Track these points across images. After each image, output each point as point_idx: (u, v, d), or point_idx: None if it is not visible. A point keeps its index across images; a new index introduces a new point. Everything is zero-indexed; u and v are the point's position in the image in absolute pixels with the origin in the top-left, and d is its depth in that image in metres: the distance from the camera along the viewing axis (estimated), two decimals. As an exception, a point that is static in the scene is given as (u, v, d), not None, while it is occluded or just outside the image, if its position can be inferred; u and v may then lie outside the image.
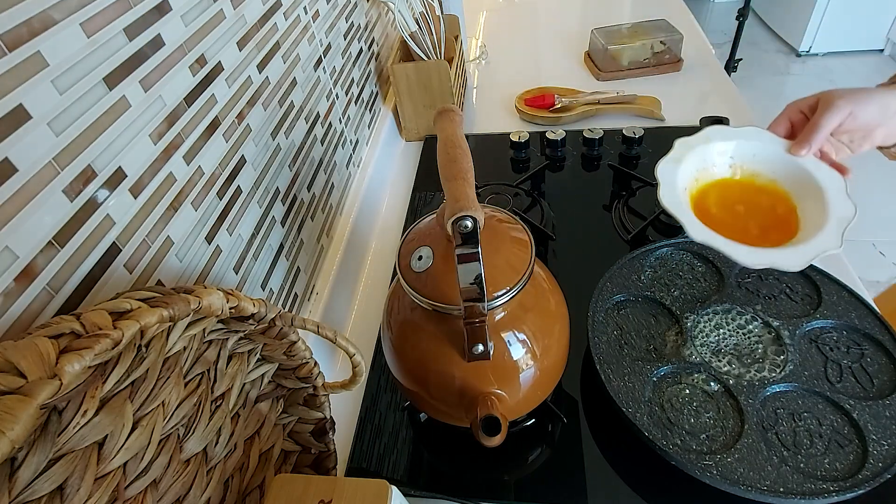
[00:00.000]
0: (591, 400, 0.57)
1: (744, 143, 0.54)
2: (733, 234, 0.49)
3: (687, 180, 0.54)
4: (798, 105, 0.53)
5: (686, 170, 0.54)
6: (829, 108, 0.49)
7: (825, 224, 0.49)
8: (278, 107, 0.59)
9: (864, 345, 0.53)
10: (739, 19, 2.14)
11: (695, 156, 0.54)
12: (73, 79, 0.32)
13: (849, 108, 0.49)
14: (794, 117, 0.53)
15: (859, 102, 0.49)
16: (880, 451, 0.45)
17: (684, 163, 0.54)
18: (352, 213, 0.79)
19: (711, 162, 0.55)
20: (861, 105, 0.49)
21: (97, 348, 0.24)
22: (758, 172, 0.54)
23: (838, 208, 0.49)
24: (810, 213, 0.51)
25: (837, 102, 0.49)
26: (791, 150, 0.52)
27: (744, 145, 0.54)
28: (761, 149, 0.53)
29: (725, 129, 0.54)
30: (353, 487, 0.36)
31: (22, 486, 0.24)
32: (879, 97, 0.49)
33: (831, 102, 0.49)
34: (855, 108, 0.49)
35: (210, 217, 0.46)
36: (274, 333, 0.41)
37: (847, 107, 0.49)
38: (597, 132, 0.90)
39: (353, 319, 0.72)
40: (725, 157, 0.54)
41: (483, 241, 0.38)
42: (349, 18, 0.84)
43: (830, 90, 0.50)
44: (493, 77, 1.20)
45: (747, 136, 0.53)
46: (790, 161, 0.52)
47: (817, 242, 0.48)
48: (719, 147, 0.55)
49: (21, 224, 0.29)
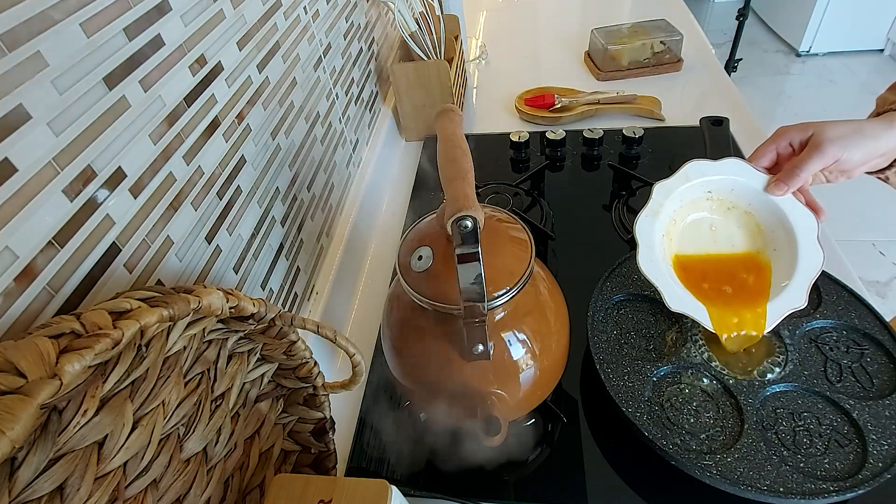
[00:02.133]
0: (591, 400, 0.57)
1: (723, 178, 0.53)
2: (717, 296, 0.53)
3: (664, 226, 0.55)
4: (789, 135, 0.51)
5: (664, 218, 0.54)
6: (816, 152, 0.48)
7: (793, 273, 0.51)
8: (278, 107, 0.59)
9: (863, 344, 0.53)
10: (739, 19, 2.14)
11: (672, 200, 0.54)
12: (73, 79, 0.32)
13: (836, 157, 0.48)
14: (781, 149, 0.52)
15: (848, 149, 0.47)
16: (880, 451, 0.45)
17: (662, 213, 0.54)
18: (352, 213, 0.79)
19: (688, 198, 0.55)
20: (849, 152, 0.48)
21: (97, 348, 0.24)
22: (734, 204, 0.54)
23: (806, 258, 0.51)
24: (781, 253, 0.53)
25: (826, 149, 0.47)
26: (768, 189, 0.51)
27: (723, 181, 0.53)
28: (740, 184, 0.53)
29: (704, 164, 0.53)
30: (352, 487, 0.36)
31: (22, 485, 0.24)
32: (869, 144, 0.48)
33: (820, 147, 0.48)
34: (843, 155, 0.48)
35: (210, 217, 0.46)
36: (274, 333, 0.41)
37: (835, 154, 0.48)
38: (597, 132, 0.90)
39: (353, 319, 0.72)
40: (703, 192, 0.54)
41: (483, 241, 0.38)
42: (349, 18, 0.84)
43: (825, 128, 0.49)
44: (493, 77, 1.20)
45: (727, 171, 0.53)
46: (767, 198, 0.52)
47: (782, 303, 0.51)
48: (698, 184, 0.54)
49: (21, 224, 0.29)
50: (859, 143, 0.48)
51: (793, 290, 0.51)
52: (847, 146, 0.47)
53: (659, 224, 0.54)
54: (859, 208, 1.93)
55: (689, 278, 0.54)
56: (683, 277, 0.54)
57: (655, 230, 0.53)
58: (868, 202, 1.94)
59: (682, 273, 0.55)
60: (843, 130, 0.48)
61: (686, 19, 1.27)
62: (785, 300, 0.51)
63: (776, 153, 0.52)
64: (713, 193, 0.55)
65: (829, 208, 0.52)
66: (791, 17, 2.94)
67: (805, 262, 0.51)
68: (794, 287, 0.51)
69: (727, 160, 0.53)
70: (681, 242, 0.56)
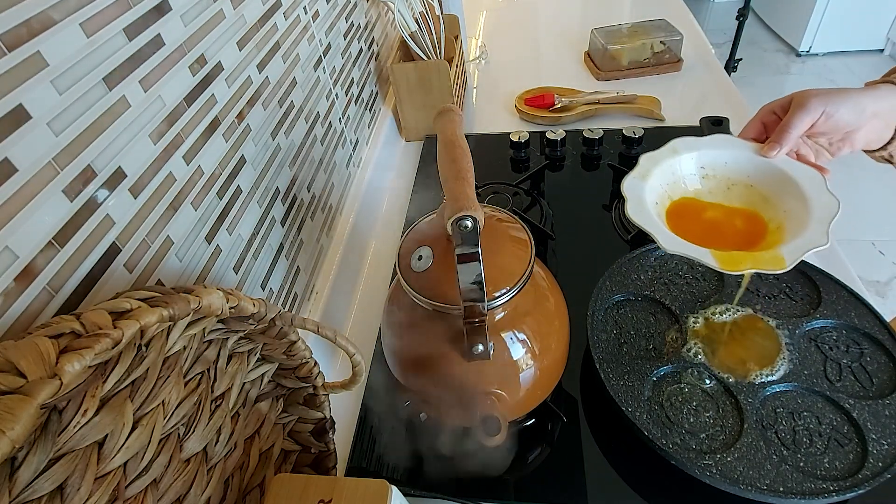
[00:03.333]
0: (591, 399, 0.57)
1: (713, 151, 0.52)
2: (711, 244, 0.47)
3: (657, 195, 0.52)
4: (771, 106, 0.51)
5: (655, 185, 0.52)
6: (801, 108, 0.48)
7: (809, 221, 0.46)
8: (278, 107, 0.59)
9: (863, 344, 0.53)
10: (739, 19, 2.14)
11: (663, 170, 0.52)
12: (72, 79, 0.32)
13: (821, 108, 0.47)
14: (766, 119, 0.52)
15: (832, 103, 0.47)
16: (880, 451, 0.45)
17: (651, 178, 0.51)
18: (352, 212, 0.79)
19: (682, 175, 0.53)
20: (834, 105, 0.47)
21: (97, 348, 0.24)
22: (734, 179, 0.52)
23: (820, 203, 0.47)
24: (793, 212, 0.49)
25: (810, 102, 0.47)
26: (761, 152, 0.50)
27: (714, 154, 0.52)
28: (732, 156, 0.51)
29: (692, 140, 0.52)
30: (353, 487, 0.36)
31: (22, 485, 0.24)
32: (854, 98, 0.48)
33: (804, 102, 0.48)
34: (828, 108, 0.47)
35: (210, 217, 0.46)
36: (274, 333, 0.41)
37: (820, 107, 0.47)
38: (597, 132, 0.90)
39: (353, 319, 0.72)
40: (696, 168, 0.52)
41: (483, 241, 0.38)
42: (349, 18, 0.84)
43: (805, 90, 0.49)
44: (493, 77, 1.20)
45: (716, 145, 0.51)
46: (764, 164, 0.50)
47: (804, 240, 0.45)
48: (688, 158, 0.52)
49: (21, 224, 0.29)
50: (844, 97, 0.47)
51: (812, 229, 0.45)
52: (830, 100, 0.47)
53: (650, 189, 0.50)
54: (859, 208, 1.93)
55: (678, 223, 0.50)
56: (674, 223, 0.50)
57: (645, 193, 0.50)
58: (868, 202, 1.94)
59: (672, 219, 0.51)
60: (824, 90, 0.48)
61: (686, 19, 1.27)
62: (806, 238, 0.45)
63: (762, 124, 0.52)
64: (707, 170, 0.52)
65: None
66: (791, 17, 2.94)
67: (819, 208, 0.47)
68: (813, 228, 0.45)
69: (715, 136, 0.52)
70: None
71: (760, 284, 0.60)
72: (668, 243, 0.45)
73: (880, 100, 0.48)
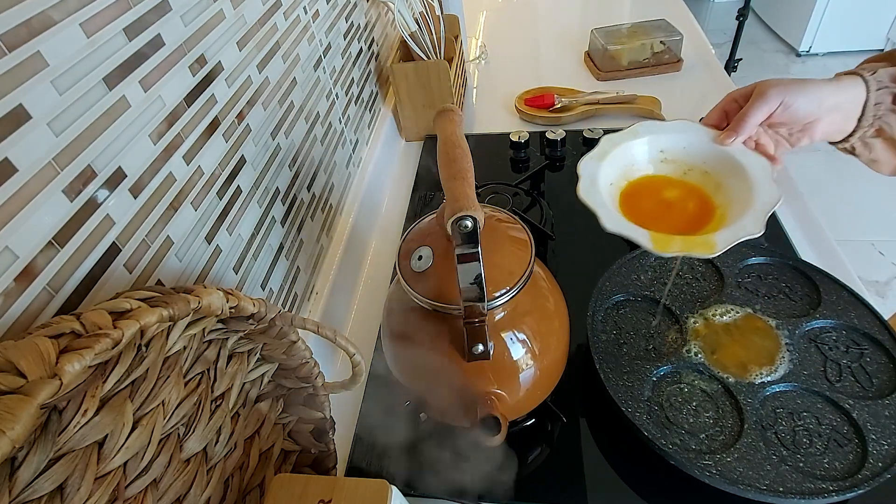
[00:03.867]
0: (591, 400, 0.57)
1: (674, 136, 0.52)
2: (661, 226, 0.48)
3: (614, 176, 0.52)
4: (734, 94, 0.51)
5: (612, 166, 0.52)
6: (759, 97, 0.48)
7: (749, 210, 0.47)
8: (278, 107, 0.59)
9: (863, 344, 0.53)
10: (739, 19, 2.14)
11: (622, 151, 0.53)
12: (72, 79, 0.32)
13: (780, 99, 0.47)
14: (728, 107, 0.52)
15: (792, 93, 0.47)
16: (880, 451, 0.45)
17: (609, 159, 0.52)
18: (352, 213, 0.79)
19: (640, 157, 0.54)
20: (793, 96, 0.47)
21: (97, 348, 0.24)
22: (690, 165, 0.53)
23: (763, 194, 0.48)
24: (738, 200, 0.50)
25: (769, 92, 0.48)
26: (718, 140, 0.51)
27: (674, 138, 0.52)
28: (691, 141, 0.52)
29: (654, 124, 0.53)
30: (353, 487, 0.36)
31: (22, 485, 0.24)
32: (815, 89, 0.48)
33: (763, 92, 0.48)
34: (787, 98, 0.47)
35: (210, 217, 0.46)
36: (274, 333, 0.41)
37: (778, 97, 0.47)
38: (597, 132, 0.90)
39: (353, 319, 0.72)
40: (656, 152, 0.53)
41: (483, 241, 0.38)
42: (349, 18, 0.84)
43: (767, 80, 0.49)
44: (493, 77, 1.20)
45: (677, 130, 0.52)
46: (719, 151, 0.51)
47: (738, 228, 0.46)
48: (648, 142, 0.53)
49: (21, 224, 0.29)
50: (803, 89, 0.48)
51: (749, 218, 0.47)
52: (789, 91, 0.48)
53: (605, 169, 0.52)
54: (859, 208, 1.93)
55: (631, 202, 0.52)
56: (627, 203, 0.52)
57: (600, 173, 0.51)
58: (868, 202, 1.94)
59: (627, 199, 0.52)
60: (785, 80, 0.48)
61: (686, 19, 1.27)
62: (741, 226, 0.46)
63: (724, 112, 0.52)
64: (666, 153, 0.53)
65: (828, 208, 0.52)
66: (791, 17, 2.94)
67: (761, 198, 0.48)
68: (750, 216, 0.47)
69: (677, 121, 0.53)
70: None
71: (760, 285, 0.60)
72: (609, 222, 0.46)
73: (841, 92, 0.48)
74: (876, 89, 0.48)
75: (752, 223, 0.46)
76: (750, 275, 0.61)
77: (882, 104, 0.48)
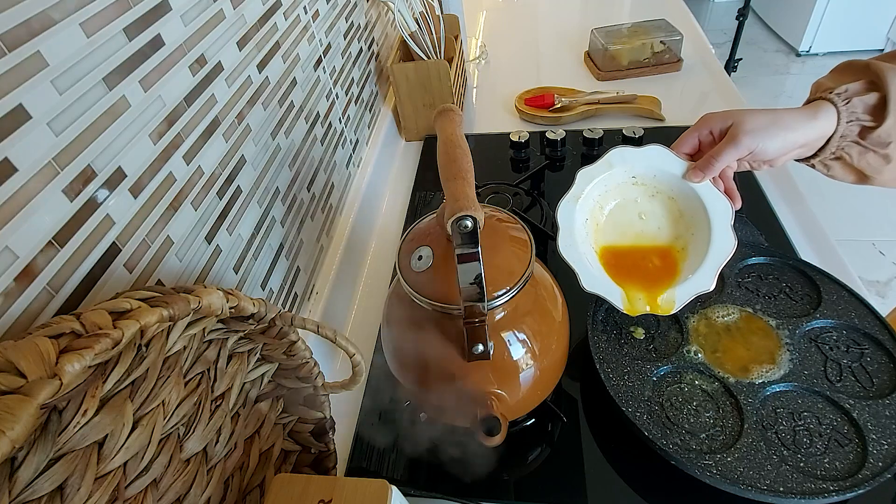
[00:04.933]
0: (591, 400, 0.57)
1: (646, 163, 0.55)
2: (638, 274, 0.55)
3: (588, 211, 0.56)
4: (711, 123, 0.52)
5: (588, 200, 0.56)
6: (731, 143, 0.49)
7: (704, 259, 0.52)
8: (278, 107, 0.59)
9: (863, 344, 0.53)
10: (739, 19, 2.14)
11: (596, 185, 0.56)
12: (72, 79, 0.32)
13: (750, 148, 0.49)
14: (703, 137, 0.53)
15: (763, 140, 0.48)
16: (880, 451, 0.45)
17: (584, 197, 0.55)
18: (352, 212, 0.79)
19: (613, 183, 0.56)
20: (765, 143, 0.49)
21: (97, 348, 0.24)
22: (658, 189, 0.56)
23: (719, 241, 0.52)
24: (697, 238, 0.54)
25: (741, 140, 0.49)
26: (686, 176, 0.53)
27: (646, 166, 0.55)
28: (662, 170, 0.54)
29: (627, 152, 0.55)
30: (353, 487, 0.36)
31: (22, 485, 0.24)
32: (786, 133, 0.49)
33: (735, 139, 0.49)
34: (758, 146, 0.49)
35: (210, 217, 0.46)
36: (274, 333, 0.41)
37: (749, 146, 0.49)
38: (597, 132, 0.90)
39: (353, 319, 0.72)
40: (628, 178, 0.56)
41: (483, 241, 0.38)
42: (349, 18, 0.84)
43: (744, 118, 0.50)
44: (493, 77, 1.20)
45: (649, 157, 0.55)
46: (687, 184, 0.53)
47: (691, 285, 0.52)
48: (621, 171, 0.56)
49: (21, 224, 0.29)
50: (775, 135, 0.49)
51: (702, 273, 0.52)
52: (762, 138, 0.49)
53: (581, 208, 0.55)
54: (859, 208, 1.92)
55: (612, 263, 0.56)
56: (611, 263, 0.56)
57: (577, 215, 0.55)
58: (868, 202, 1.94)
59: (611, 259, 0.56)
60: (760, 122, 0.49)
61: (686, 19, 1.27)
62: (694, 283, 0.52)
63: (698, 140, 0.54)
64: (637, 178, 0.56)
65: (828, 208, 0.53)
66: (791, 17, 2.93)
67: (717, 246, 0.52)
68: (703, 271, 0.52)
69: (650, 147, 0.55)
70: (607, 230, 0.57)
71: (760, 285, 0.60)
72: (587, 283, 0.53)
73: (813, 131, 0.49)
74: (847, 121, 0.49)
75: (706, 278, 0.52)
76: (750, 275, 0.61)
77: (848, 136, 0.49)
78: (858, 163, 0.50)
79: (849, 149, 0.50)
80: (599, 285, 0.53)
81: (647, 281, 0.55)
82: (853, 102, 0.48)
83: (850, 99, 0.48)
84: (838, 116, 0.48)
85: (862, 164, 0.50)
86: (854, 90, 0.49)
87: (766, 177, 0.81)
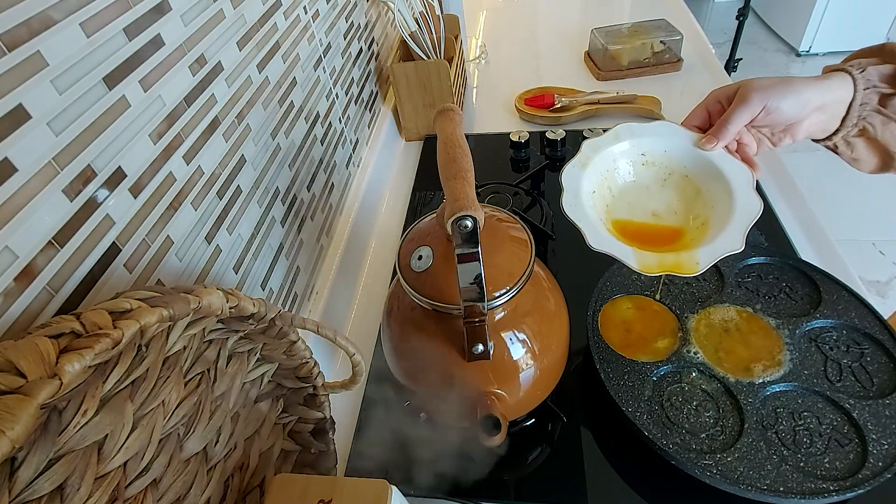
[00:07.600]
0: (591, 400, 0.57)
1: (655, 139, 0.52)
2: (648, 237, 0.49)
3: (594, 183, 0.52)
4: (717, 94, 0.50)
5: (594, 173, 0.52)
6: (741, 102, 0.47)
7: (729, 223, 0.47)
8: (278, 107, 0.59)
9: (863, 344, 0.53)
10: (739, 19, 2.14)
11: (603, 157, 0.53)
12: (72, 79, 0.32)
13: (762, 103, 0.47)
14: (711, 107, 0.51)
15: (775, 97, 0.46)
16: (880, 451, 0.45)
17: (591, 166, 0.52)
18: (352, 212, 0.79)
19: (622, 161, 0.53)
20: (776, 100, 0.46)
21: (97, 348, 0.24)
22: (671, 168, 0.52)
23: (743, 203, 0.48)
24: (719, 210, 0.49)
25: (752, 96, 0.47)
26: (699, 144, 0.50)
27: (655, 141, 0.52)
28: (672, 144, 0.51)
29: (636, 126, 0.52)
30: (353, 487, 0.36)
31: (22, 485, 0.24)
32: (798, 91, 0.47)
33: (745, 96, 0.47)
34: (770, 102, 0.47)
35: (210, 217, 0.46)
36: (274, 333, 0.41)
37: (760, 102, 0.47)
38: (597, 132, 0.90)
39: (353, 319, 0.72)
40: (637, 155, 0.53)
41: (483, 241, 0.38)
42: (349, 18, 0.84)
43: (751, 80, 0.48)
44: (493, 77, 1.20)
45: (659, 132, 0.52)
46: (701, 156, 0.50)
47: (720, 244, 0.46)
48: (629, 145, 0.53)
49: (21, 224, 0.29)
50: (786, 92, 0.47)
51: (729, 233, 0.47)
52: (773, 94, 0.47)
53: (588, 177, 0.52)
54: (859, 208, 1.92)
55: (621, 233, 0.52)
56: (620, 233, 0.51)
57: (583, 182, 0.51)
58: (868, 202, 1.94)
59: (620, 230, 0.52)
60: (769, 81, 0.47)
61: (686, 19, 1.27)
62: (722, 243, 0.47)
63: (707, 112, 0.52)
64: (647, 156, 0.53)
65: (828, 208, 0.52)
66: (791, 17, 2.94)
67: (741, 209, 0.48)
68: (730, 231, 0.47)
69: (658, 122, 0.52)
70: (616, 209, 0.53)
71: (760, 284, 0.60)
72: (594, 240, 0.47)
73: (827, 92, 0.47)
74: (864, 88, 0.47)
75: (733, 239, 0.46)
76: (750, 274, 0.61)
77: (868, 104, 0.48)
78: (882, 135, 0.48)
79: (871, 118, 0.48)
80: (608, 244, 0.47)
81: (662, 246, 0.50)
82: (868, 71, 0.47)
83: (864, 68, 0.47)
84: (854, 84, 0.47)
85: (886, 135, 0.48)
86: (868, 62, 0.48)
87: (766, 177, 0.81)
